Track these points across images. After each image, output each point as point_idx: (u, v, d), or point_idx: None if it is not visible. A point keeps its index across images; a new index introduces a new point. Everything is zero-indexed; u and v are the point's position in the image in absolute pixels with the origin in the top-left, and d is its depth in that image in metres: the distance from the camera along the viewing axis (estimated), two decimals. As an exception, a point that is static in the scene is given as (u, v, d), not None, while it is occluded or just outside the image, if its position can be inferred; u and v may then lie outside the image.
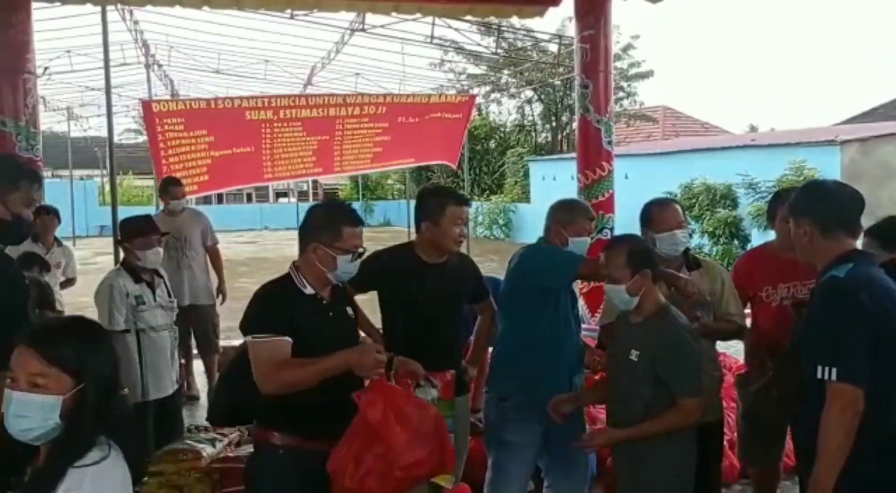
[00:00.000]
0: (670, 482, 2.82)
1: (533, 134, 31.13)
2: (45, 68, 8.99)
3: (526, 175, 25.55)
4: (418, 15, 8.48)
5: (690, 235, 3.49)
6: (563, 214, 3.52)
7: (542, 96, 29.48)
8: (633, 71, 28.53)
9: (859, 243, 2.70)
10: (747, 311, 3.63)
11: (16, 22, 6.13)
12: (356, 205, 36.02)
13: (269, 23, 9.77)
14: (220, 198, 39.92)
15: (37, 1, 6.58)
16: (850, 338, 2.22)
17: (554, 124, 29.82)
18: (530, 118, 31.38)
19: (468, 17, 9.93)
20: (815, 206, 2.47)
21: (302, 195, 40.93)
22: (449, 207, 3.30)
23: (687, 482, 2.88)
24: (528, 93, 29.66)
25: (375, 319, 3.52)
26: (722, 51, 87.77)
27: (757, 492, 3.92)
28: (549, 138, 30.43)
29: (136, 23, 10.42)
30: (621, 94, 28.01)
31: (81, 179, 29.30)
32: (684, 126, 31.03)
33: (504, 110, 31.59)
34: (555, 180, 19.93)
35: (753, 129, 32.62)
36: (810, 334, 2.36)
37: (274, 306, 2.64)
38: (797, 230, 2.49)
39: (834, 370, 2.21)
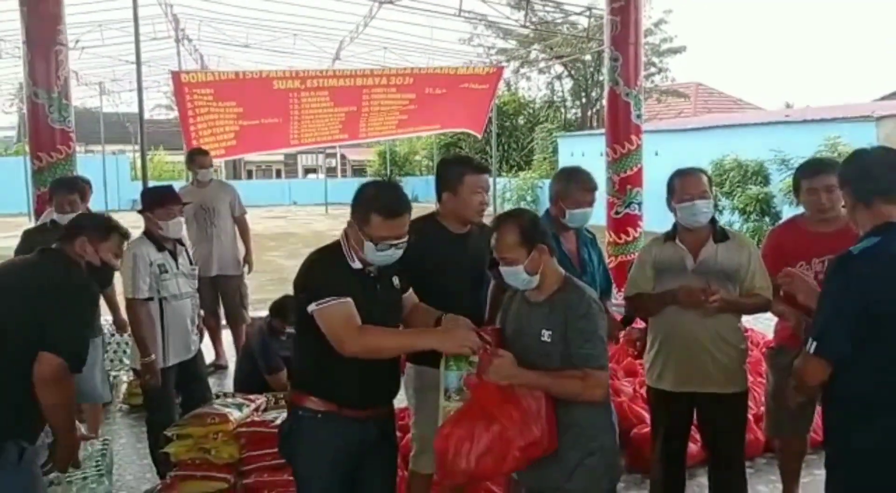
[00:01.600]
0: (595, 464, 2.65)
1: (562, 110, 30.87)
2: (77, 41, 9.08)
3: (555, 151, 25.40)
4: (448, -15, 8.43)
5: (715, 206, 3.42)
6: (559, 185, 3.49)
7: (573, 72, 29.20)
8: (665, 46, 28.13)
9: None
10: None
11: (48, -6, 6.20)
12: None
13: (297, -3, 9.76)
14: (249, 173, 40.30)
15: (68, -26, 6.63)
16: (838, 316, 2.24)
17: (584, 100, 29.55)
18: (560, 94, 31.12)
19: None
20: (855, 175, 2.42)
21: (331, 171, 41.12)
22: (467, 176, 3.28)
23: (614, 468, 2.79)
24: (558, 68, 29.39)
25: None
26: (756, 26, 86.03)
27: (782, 465, 3.90)
28: (579, 115, 30.15)
29: (166, -4, 10.47)
30: (653, 69, 27.66)
31: (113, 154, 29.65)
32: (717, 103, 30.55)
33: (533, 86, 31.47)
34: (583, 156, 19.75)
35: (788, 106, 31.95)
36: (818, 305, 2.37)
37: (333, 271, 2.69)
38: (845, 200, 2.47)
39: (814, 344, 2.25)
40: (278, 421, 3.51)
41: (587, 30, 10.52)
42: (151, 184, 7.24)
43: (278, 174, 46.35)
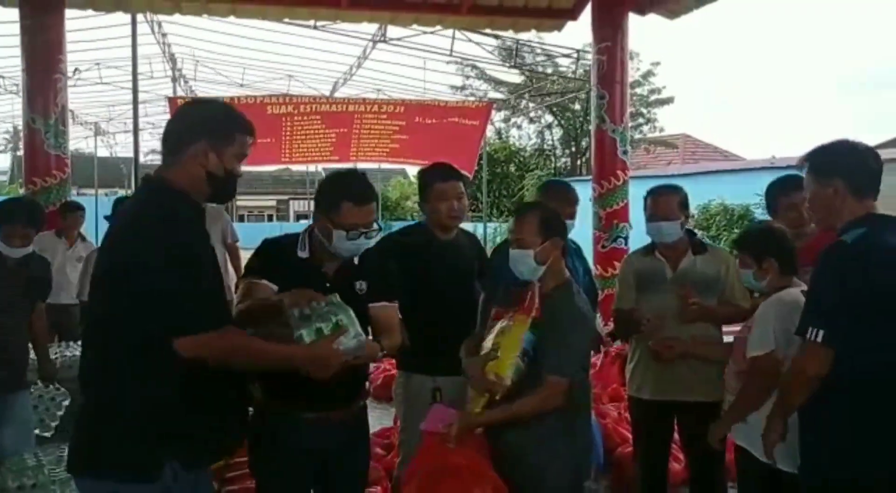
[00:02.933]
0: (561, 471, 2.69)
1: (552, 158, 31.25)
2: (76, 69, 9.26)
3: (545, 198, 25.58)
4: (439, 27, 8.67)
5: (682, 227, 3.52)
6: (541, 197, 3.61)
7: (562, 121, 29.66)
8: (653, 97, 28.64)
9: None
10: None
11: (49, 24, 6.37)
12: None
13: (292, 36, 9.99)
14: (241, 217, 40.41)
15: (69, 9, 6.82)
16: (842, 302, 2.24)
17: (573, 149, 29.94)
18: (550, 143, 31.54)
19: (488, 37, 10.13)
20: (850, 165, 2.40)
21: (322, 217, 41.20)
22: (436, 184, 3.41)
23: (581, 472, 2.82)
24: (548, 118, 29.88)
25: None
26: (744, 80, 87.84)
27: None
28: (569, 163, 30.52)
29: (164, 35, 10.69)
30: (641, 120, 28.12)
31: (106, 195, 29.75)
32: (704, 153, 31.01)
33: (524, 135, 31.78)
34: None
35: (773, 158, 32.46)
36: (810, 295, 2.38)
37: (265, 254, 2.75)
38: (823, 191, 2.40)
39: (821, 333, 2.24)
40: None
41: (573, 77, 10.76)
42: None
43: (270, 218, 46.51)
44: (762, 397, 2.78)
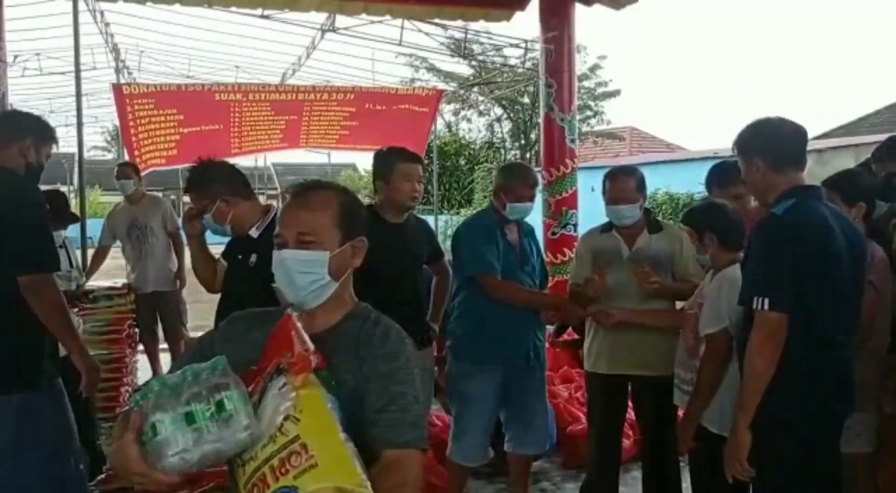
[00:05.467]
0: None
1: (502, 151, 31.44)
2: (15, 57, 8.99)
3: (495, 191, 25.73)
4: (388, 17, 8.65)
5: (641, 208, 3.61)
6: (501, 178, 3.66)
7: (511, 115, 29.85)
8: (600, 90, 29.01)
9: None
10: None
11: (-14, 10, 6.19)
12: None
13: (240, 26, 9.83)
14: (188, 214, 39.70)
15: (7, -5, 6.64)
16: (780, 270, 2.33)
17: (523, 142, 30.18)
18: (499, 136, 31.72)
19: (438, 28, 10.13)
20: (763, 142, 2.52)
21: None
22: (398, 163, 3.45)
23: None
24: (498, 111, 30.03)
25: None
26: (689, 73, 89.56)
27: None
28: (519, 156, 30.72)
29: (107, 24, 10.43)
30: (588, 113, 28.46)
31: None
32: (650, 146, 31.56)
33: (474, 128, 31.92)
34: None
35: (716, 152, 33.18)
36: (748, 268, 2.47)
37: None
38: (748, 169, 2.55)
39: (766, 301, 2.32)
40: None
41: (523, 62, 10.83)
42: (89, 222, 7.20)
43: (218, 215, 45.75)
44: (721, 374, 2.86)
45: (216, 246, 3.29)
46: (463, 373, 3.58)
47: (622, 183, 3.57)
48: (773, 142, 2.52)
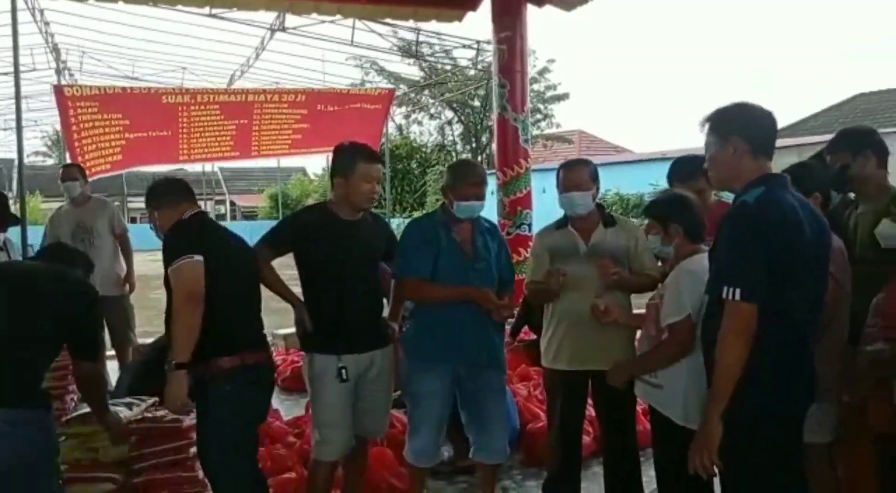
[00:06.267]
0: None
1: (454, 154, 31.50)
2: (-51, 57, 8.66)
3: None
4: (339, 16, 8.58)
5: (594, 199, 3.62)
6: (449, 177, 3.58)
7: (462, 117, 29.95)
8: (549, 93, 29.30)
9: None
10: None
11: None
12: (273, 224, 35.80)
13: (187, 25, 9.64)
14: (133, 219, 38.80)
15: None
16: (753, 260, 2.28)
17: (474, 145, 30.29)
18: (450, 138, 31.79)
19: (390, 28, 10.09)
20: (745, 123, 2.43)
21: (220, 218, 40.16)
22: (360, 163, 3.36)
23: None
24: (449, 114, 30.10)
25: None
26: (636, 76, 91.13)
27: None
28: (470, 158, 30.85)
29: (46, 24, 10.13)
30: (538, 116, 28.71)
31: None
32: (598, 148, 31.98)
33: (425, 131, 31.94)
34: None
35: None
36: (718, 257, 2.42)
37: None
38: (722, 148, 2.45)
39: (738, 291, 2.27)
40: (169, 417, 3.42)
41: (475, 63, 10.82)
42: (29, 229, 6.93)
43: (163, 220, 44.83)
44: (676, 359, 2.87)
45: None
46: (414, 372, 3.53)
47: (576, 172, 3.58)
48: (754, 125, 2.44)
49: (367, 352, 3.40)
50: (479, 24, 8.32)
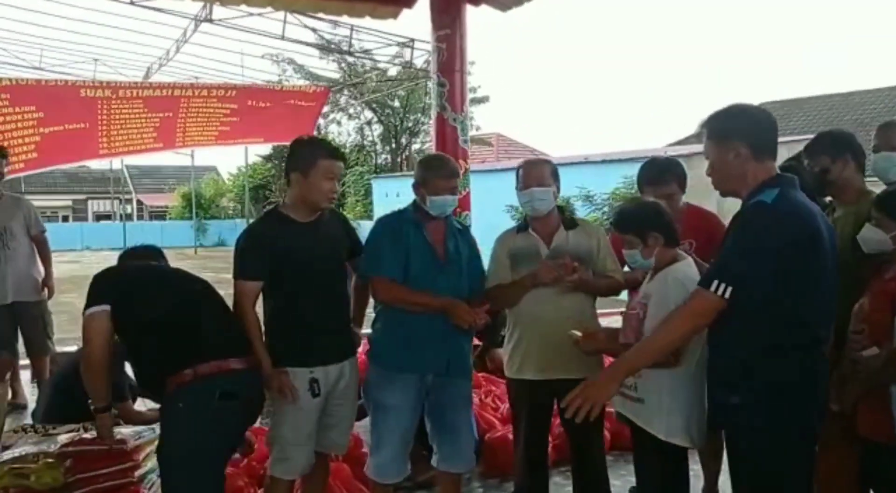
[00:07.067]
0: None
1: (373, 155, 31.23)
2: None
3: (367, 194, 25.55)
4: (269, 9, 8.23)
5: (555, 197, 3.50)
6: (420, 171, 3.41)
7: (382, 118, 29.70)
8: (470, 96, 29.36)
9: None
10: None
11: None
12: (187, 224, 34.51)
13: (101, 14, 9.07)
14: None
15: None
16: (760, 266, 2.22)
17: (394, 145, 30.10)
18: (370, 139, 31.50)
19: (322, 23, 9.78)
20: (748, 127, 2.38)
21: (126, 217, 38.64)
22: (321, 160, 3.11)
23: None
24: (368, 114, 29.80)
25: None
26: (552, 80, 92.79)
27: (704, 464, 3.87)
28: (389, 160, 30.63)
29: (-56, 7, 9.35)
30: (458, 118, 28.76)
31: None
32: (516, 151, 32.30)
33: (344, 131, 31.52)
34: (398, 196, 20.00)
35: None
36: (725, 253, 2.33)
37: None
38: (724, 155, 2.39)
39: (728, 290, 2.21)
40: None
41: (408, 64, 10.62)
42: None
43: (65, 219, 42.88)
44: (661, 366, 2.74)
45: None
46: (379, 380, 3.33)
47: (538, 168, 3.46)
48: (757, 127, 2.38)
49: (338, 363, 3.19)
50: (407, 22, 8.10)
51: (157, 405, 3.09)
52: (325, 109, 28.14)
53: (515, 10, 8.29)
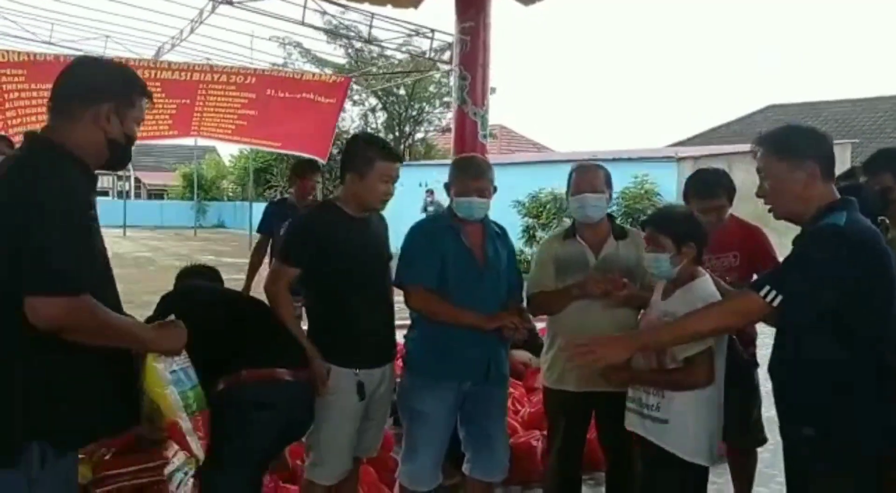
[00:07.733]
0: None
1: (376, 142, 31.07)
2: None
3: (370, 182, 25.41)
4: (291, -5, 8.12)
5: (608, 203, 3.41)
6: (449, 171, 3.34)
7: (387, 106, 29.49)
8: (476, 87, 29.21)
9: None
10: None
11: None
12: (187, 205, 34.25)
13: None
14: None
15: None
16: (824, 287, 2.15)
17: (397, 133, 29.91)
18: (374, 126, 31.30)
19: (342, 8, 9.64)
20: (818, 146, 2.30)
21: (124, 195, 38.44)
22: (378, 162, 3.05)
23: None
24: (373, 101, 29.58)
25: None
26: (563, 78, 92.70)
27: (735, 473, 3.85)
28: (392, 148, 30.48)
29: (-42, -23, 9.21)
30: (464, 108, 28.61)
31: None
32: (519, 145, 32.24)
33: (348, 117, 31.29)
34: (402, 186, 19.88)
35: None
36: (791, 266, 2.26)
37: None
38: (793, 173, 2.28)
39: (779, 299, 2.16)
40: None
41: (429, 52, 10.48)
42: None
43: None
44: (684, 389, 2.73)
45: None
46: (416, 388, 3.25)
47: (590, 174, 3.34)
48: (827, 147, 2.31)
49: (380, 366, 3.12)
50: (419, 13, 7.96)
51: None
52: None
53: (538, 5, 8.23)
